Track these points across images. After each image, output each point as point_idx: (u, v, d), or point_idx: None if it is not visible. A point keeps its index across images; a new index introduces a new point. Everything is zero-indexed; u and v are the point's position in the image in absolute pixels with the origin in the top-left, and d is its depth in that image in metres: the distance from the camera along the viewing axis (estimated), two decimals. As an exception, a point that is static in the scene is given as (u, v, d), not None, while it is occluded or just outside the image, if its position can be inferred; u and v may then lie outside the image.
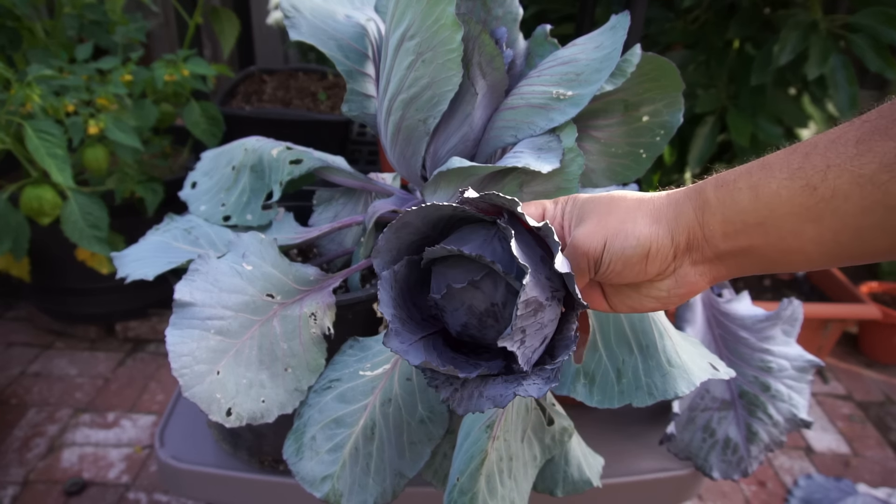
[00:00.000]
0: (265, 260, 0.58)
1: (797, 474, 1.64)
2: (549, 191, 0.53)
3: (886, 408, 1.90)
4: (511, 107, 0.57)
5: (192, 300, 0.53)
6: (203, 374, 0.52)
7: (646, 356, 0.50)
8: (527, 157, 0.51)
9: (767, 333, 0.72)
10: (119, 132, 1.41)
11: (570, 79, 0.53)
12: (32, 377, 1.82)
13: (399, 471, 0.57)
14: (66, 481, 1.49)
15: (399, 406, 0.57)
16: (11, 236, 1.39)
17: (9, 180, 1.50)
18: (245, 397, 0.54)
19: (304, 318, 0.57)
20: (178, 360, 0.52)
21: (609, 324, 0.51)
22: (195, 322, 0.53)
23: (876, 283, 2.15)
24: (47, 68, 1.39)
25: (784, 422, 0.71)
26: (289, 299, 0.58)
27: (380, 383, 0.57)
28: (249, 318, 0.55)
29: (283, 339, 0.56)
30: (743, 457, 0.71)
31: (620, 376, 0.50)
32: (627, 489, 0.76)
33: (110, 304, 1.86)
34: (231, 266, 0.56)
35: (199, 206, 0.71)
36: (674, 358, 0.49)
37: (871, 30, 1.75)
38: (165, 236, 0.67)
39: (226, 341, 0.54)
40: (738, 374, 0.72)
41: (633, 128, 0.58)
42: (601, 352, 0.51)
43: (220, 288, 0.55)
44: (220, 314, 0.54)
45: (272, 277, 0.57)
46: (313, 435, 0.56)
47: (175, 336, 0.52)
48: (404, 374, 0.58)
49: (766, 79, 1.84)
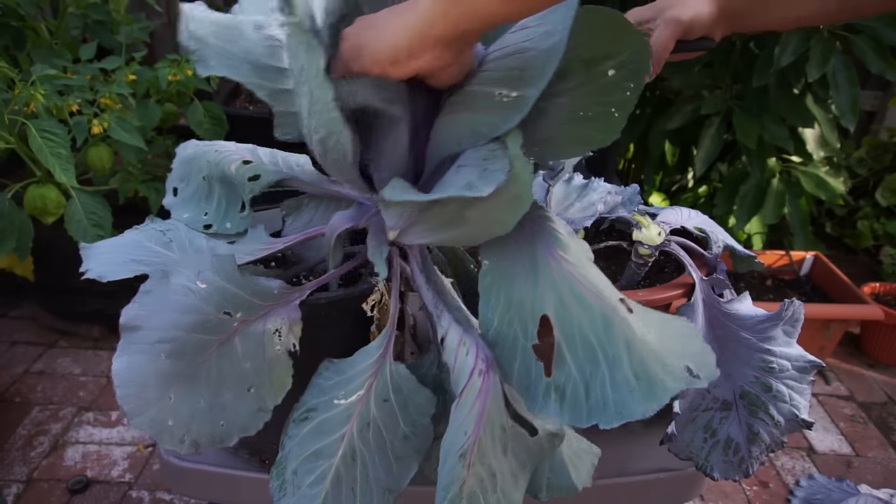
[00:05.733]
0: (221, 276, 0.54)
1: (799, 475, 1.64)
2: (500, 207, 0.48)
3: (888, 408, 1.90)
4: (453, 112, 0.53)
5: (140, 323, 0.50)
6: (152, 400, 0.50)
7: (613, 369, 0.46)
8: (470, 173, 0.47)
9: (769, 334, 0.72)
10: (123, 132, 1.41)
11: (515, 76, 0.50)
12: (36, 376, 1.83)
13: (387, 487, 0.55)
14: (70, 479, 1.50)
15: (379, 428, 0.56)
16: (15, 235, 1.40)
17: (13, 179, 1.50)
18: (203, 421, 0.51)
19: (267, 335, 0.55)
20: (123, 388, 0.49)
21: (575, 334, 0.48)
22: (144, 347, 0.50)
23: (878, 283, 2.15)
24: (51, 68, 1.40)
25: (785, 422, 0.71)
26: (251, 316, 0.55)
27: (355, 410, 0.55)
28: (206, 339, 0.52)
29: (244, 358, 0.53)
30: (744, 457, 0.71)
31: (589, 391, 0.47)
32: (628, 489, 0.76)
33: (113, 303, 1.86)
34: (184, 285, 0.53)
35: (183, 213, 0.69)
36: (641, 370, 0.46)
37: (873, 31, 1.75)
38: (140, 236, 0.65)
39: (179, 364, 0.51)
40: (739, 374, 0.72)
41: (600, 85, 0.52)
42: (569, 364, 0.48)
43: (172, 308, 0.51)
44: (172, 336, 0.51)
45: (228, 294, 0.54)
46: (294, 469, 0.54)
47: (121, 363, 0.50)
48: (380, 395, 0.56)
49: (768, 80, 1.84)
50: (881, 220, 2.42)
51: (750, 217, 2.08)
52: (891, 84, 2.54)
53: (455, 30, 0.48)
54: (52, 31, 1.68)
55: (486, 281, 0.52)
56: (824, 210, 2.60)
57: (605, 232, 0.94)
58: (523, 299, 0.51)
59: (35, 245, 1.45)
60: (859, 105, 1.82)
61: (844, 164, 2.34)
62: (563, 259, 0.50)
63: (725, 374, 0.73)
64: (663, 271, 0.87)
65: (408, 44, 0.48)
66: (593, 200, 0.86)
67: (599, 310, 0.47)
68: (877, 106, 2.63)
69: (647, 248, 0.78)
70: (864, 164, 2.46)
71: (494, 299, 0.52)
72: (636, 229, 0.79)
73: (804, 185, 2.08)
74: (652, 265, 0.82)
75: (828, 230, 2.58)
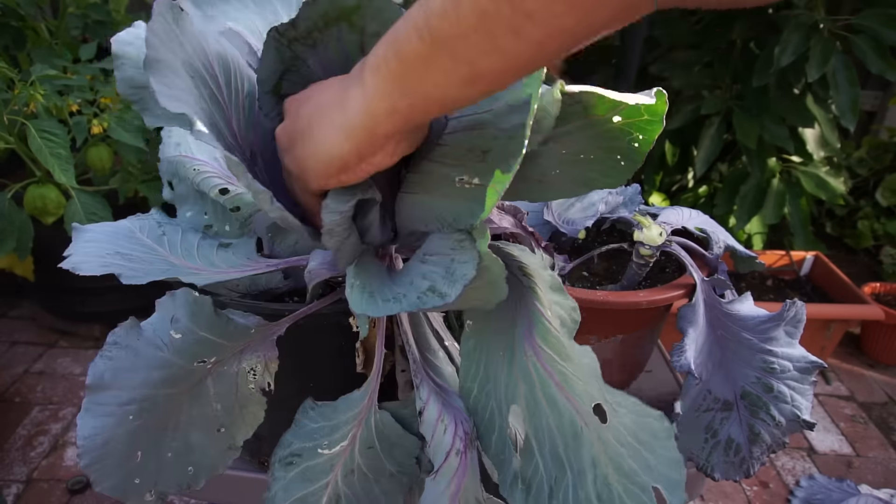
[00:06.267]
0: (198, 324, 0.50)
1: (799, 475, 1.64)
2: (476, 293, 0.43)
3: (889, 408, 1.89)
4: (413, 191, 0.49)
5: (108, 383, 0.48)
6: (118, 464, 0.48)
7: (577, 481, 0.45)
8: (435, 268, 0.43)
9: (770, 334, 0.72)
10: (122, 132, 1.41)
11: (477, 158, 0.44)
12: (36, 376, 1.83)
13: None
14: (70, 479, 1.50)
15: (364, 472, 0.55)
16: (15, 235, 1.40)
17: (13, 179, 1.50)
18: (170, 471, 0.50)
19: (241, 375, 0.52)
20: (90, 455, 0.47)
21: (544, 434, 0.47)
22: (111, 409, 0.48)
23: (878, 283, 2.15)
24: (51, 68, 1.39)
25: (787, 423, 0.71)
26: (225, 355, 0.52)
27: (339, 460, 0.54)
28: (176, 392, 0.50)
29: (216, 399, 0.51)
30: (745, 457, 0.71)
31: (553, 495, 0.46)
32: (629, 490, 0.76)
33: (114, 302, 1.86)
34: (156, 335, 0.50)
35: (186, 212, 0.68)
36: (604, 492, 0.44)
37: (873, 31, 1.75)
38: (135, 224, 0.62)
39: (149, 423, 0.49)
40: (741, 375, 0.72)
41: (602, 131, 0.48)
42: (537, 460, 0.47)
43: (142, 365, 0.49)
44: (142, 395, 0.48)
45: (205, 343, 0.51)
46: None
47: (86, 427, 0.47)
48: (365, 443, 0.55)
49: (768, 80, 1.84)
50: (881, 220, 2.42)
51: (750, 217, 2.08)
52: (891, 84, 2.54)
53: (406, 124, 0.40)
54: (52, 31, 1.68)
55: (468, 344, 0.51)
56: (824, 210, 2.60)
57: (606, 232, 0.94)
58: (498, 379, 0.49)
59: (35, 245, 1.45)
60: (859, 105, 1.82)
61: (845, 164, 2.33)
62: (539, 349, 0.47)
63: (727, 375, 0.73)
64: (664, 272, 0.87)
65: (356, 149, 0.41)
66: (594, 201, 0.86)
67: (569, 418, 0.46)
68: (877, 106, 2.63)
69: (649, 248, 0.78)
70: (864, 164, 2.46)
71: (475, 368, 0.51)
72: (637, 230, 0.79)
73: (804, 185, 2.08)
74: (653, 265, 0.82)
75: (828, 230, 2.58)
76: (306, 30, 0.45)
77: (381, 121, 0.39)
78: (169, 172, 0.70)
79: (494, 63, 0.35)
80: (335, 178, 0.43)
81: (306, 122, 0.43)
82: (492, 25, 0.33)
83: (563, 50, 0.35)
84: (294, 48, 0.47)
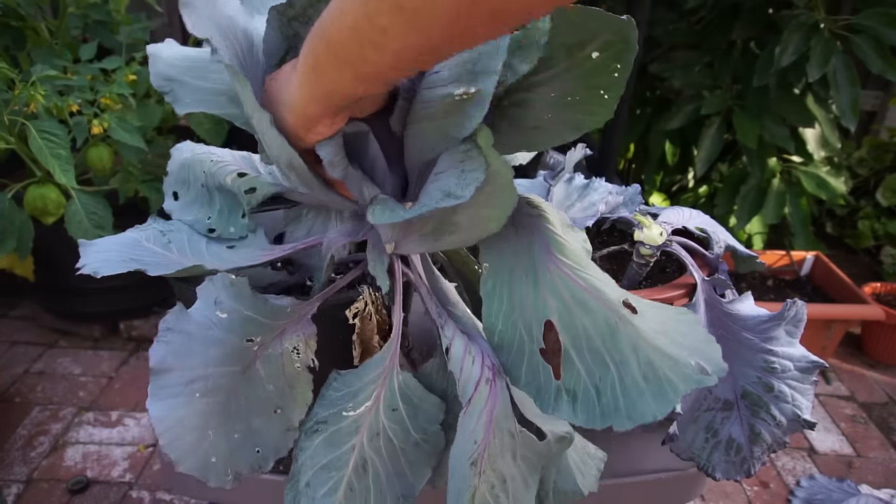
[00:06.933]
0: (241, 303, 0.53)
1: (800, 475, 1.64)
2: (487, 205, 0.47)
3: (889, 409, 1.89)
4: (416, 121, 0.52)
5: (170, 365, 0.50)
6: (195, 442, 0.50)
7: (622, 372, 0.46)
8: (448, 179, 0.46)
9: (771, 334, 0.72)
10: (123, 132, 1.41)
11: (469, 69, 0.48)
12: (36, 376, 1.83)
13: (401, 493, 0.55)
14: (70, 479, 1.50)
15: (389, 437, 0.56)
16: (16, 235, 1.40)
17: (13, 180, 1.50)
18: (241, 453, 0.52)
19: (286, 355, 0.55)
20: (168, 434, 0.48)
21: (581, 339, 0.48)
22: (178, 389, 0.49)
23: (879, 283, 2.15)
24: (51, 68, 1.39)
25: (787, 422, 0.71)
26: (269, 337, 0.55)
27: (364, 421, 0.55)
28: (232, 370, 0.52)
29: (268, 381, 0.53)
30: (746, 457, 0.71)
31: (600, 394, 0.47)
32: (630, 489, 0.76)
33: (114, 303, 1.86)
34: (205, 316, 0.52)
35: (186, 216, 0.68)
36: (649, 372, 0.46)
37: (874, 31, 1.75)
38: (139, 234, 0.64)
39: (213, 400, 0.51)
40: (741, 374, 0.72)
41: (586, 69, 0.50)
42: (578, 367, 0.48)
43: (197, 342, 0.51)
44: (204, 374, 0.50)
45: (251, 322, 0.53)
46: (307, 481, 0.54)
47: (159, 409, 0.49)
48: (389, 405, 0.56)
49: (768, 80, 1.84)
50: (882, 220, 2.42)
51: (750, 217, 2.08)
52: (891, 84, 2.54)
53: (328, 108, 0.46)
54: (52, 31, 1.68)
55: (487, 285, 0.52)
56: (825, 210, 2.60)
57: (606, 232, 0.94)
58: (525, 303, 0.50)
59: (35, 245, 1.45)
60: (860, 105, 1.82)
61: (845, 164, 2.33)
62: (560, 262, 0.49)
63: (727, 375, 0.73)
64: (665, 271, 0.87)
65: (300, 123, 0.47)
66: (594, 200, 0.86)
67: (603, 315, 0.47)
68: (877, 106, 2.63)
69: (649, 248, 0.78)
70: (864, 164, 2.46)
71: (497, 304, 0.52)
72: (638, 229, 0.79)
73: (805, 185, 2.08)
74: (653, 265, 0.82)
75: (828, 230, 2.58)
76: (301, 7, 0.50)
77: (307, 104, 0.46)
78: (177, 181, 0.71)
79: (369, 68, 0.40)
80: (302, 141, 0.49)
81: (272, 98, 0.50)
82: (361, 38, 0.38)
83: (424, 61, 0.40)
84: (293, 25, 0.51)
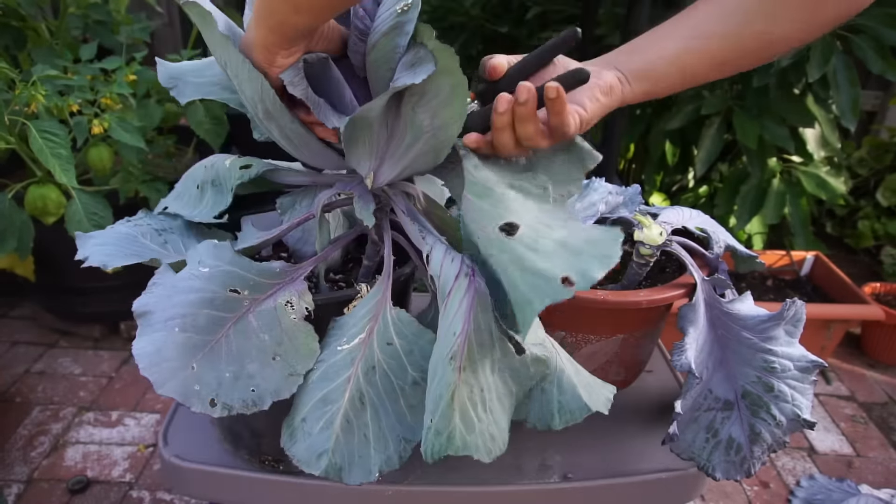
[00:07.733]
0: (222, 260, 0.58)
1: (800, 475, 1.64)
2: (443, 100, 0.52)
3: (889, 409, 1.89)
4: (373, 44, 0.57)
5: (151, 308, 0.54)
6: (175, 369, 0.52)
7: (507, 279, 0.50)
8: (404, 77, 0.51)
9: (770, 334, 0.72)
10: (123, 132, 1.41)
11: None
12: (37, 376, 1.83)
13: (402, 436, 0.56)
14: (70, 479, 1.50)
15: (385, 372, 0.57)
16: (16, 235, 1.40)
17: (13, 179, 1.50)
18: (231, 389, 0.54)
19: (280, 308, 0.57)
20: (145, 360, 0.52)
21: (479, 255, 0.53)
22: (157, 325, 0.54)
23: (879, 283, 2.15)
24: (52, 68, 1.40)
25: (787, 422, 0.71)
26: (260, 294, 0.58)
27: (359, 353, 0.57)
28: (218, 315, 0.55)
29: (261, 331, 0.56)
30: (746, 457, 0.71)
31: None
32: (630, 489, 0.76)
33: (114, 303, 1.86)
34: (188, 272, 0.57)
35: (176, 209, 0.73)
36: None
37: (874, 31, 1.75)
38: (134, 230, 0.67)
39: (195, 338, 0.54)
40: (741, 374, 0.72)
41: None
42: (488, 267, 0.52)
43: (178, 291, 0.55)
44: (182, 312, 0.54)
45: (232, 274, 0.58)
46: (303, 417, 0.56)
47: (140, 343, 0.53)
48: (383, 338, 0.57)
49: (768, 80, 1.84)
50: (882, 220, 2.42)
51: (750, 217, 2.08)
52: (891, 84, 2.54)
53: (282, 40, 0.53)
54: (52, 31, 1.68)
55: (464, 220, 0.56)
56: (825, 210, 2.60)
57: (606, 232, 0.94)
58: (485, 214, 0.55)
59: (35, 245, 1.45)
60: (860, 105, 1.82)
61: (845, 164, 2.34)
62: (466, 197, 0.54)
63: (727, 374, 0.73)
64: (665, 271, 0.87)
65: (260, 56, 0.54)
66: (594, 200, 0.86)
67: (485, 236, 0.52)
68: (877, 106, 2.63)
69: (649, 248, 0.78)
70: (864, 164, 2.46)
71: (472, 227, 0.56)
72: (638, 229, 0.79)
73: (805, 185, 2.08)
74: (653, 265, 0.82)
75: (828, 230, 2.58)
76: None
77: (265, 36, 0.52)
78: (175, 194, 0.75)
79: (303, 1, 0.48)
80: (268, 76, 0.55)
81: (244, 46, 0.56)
82: None
83: None
84: None
